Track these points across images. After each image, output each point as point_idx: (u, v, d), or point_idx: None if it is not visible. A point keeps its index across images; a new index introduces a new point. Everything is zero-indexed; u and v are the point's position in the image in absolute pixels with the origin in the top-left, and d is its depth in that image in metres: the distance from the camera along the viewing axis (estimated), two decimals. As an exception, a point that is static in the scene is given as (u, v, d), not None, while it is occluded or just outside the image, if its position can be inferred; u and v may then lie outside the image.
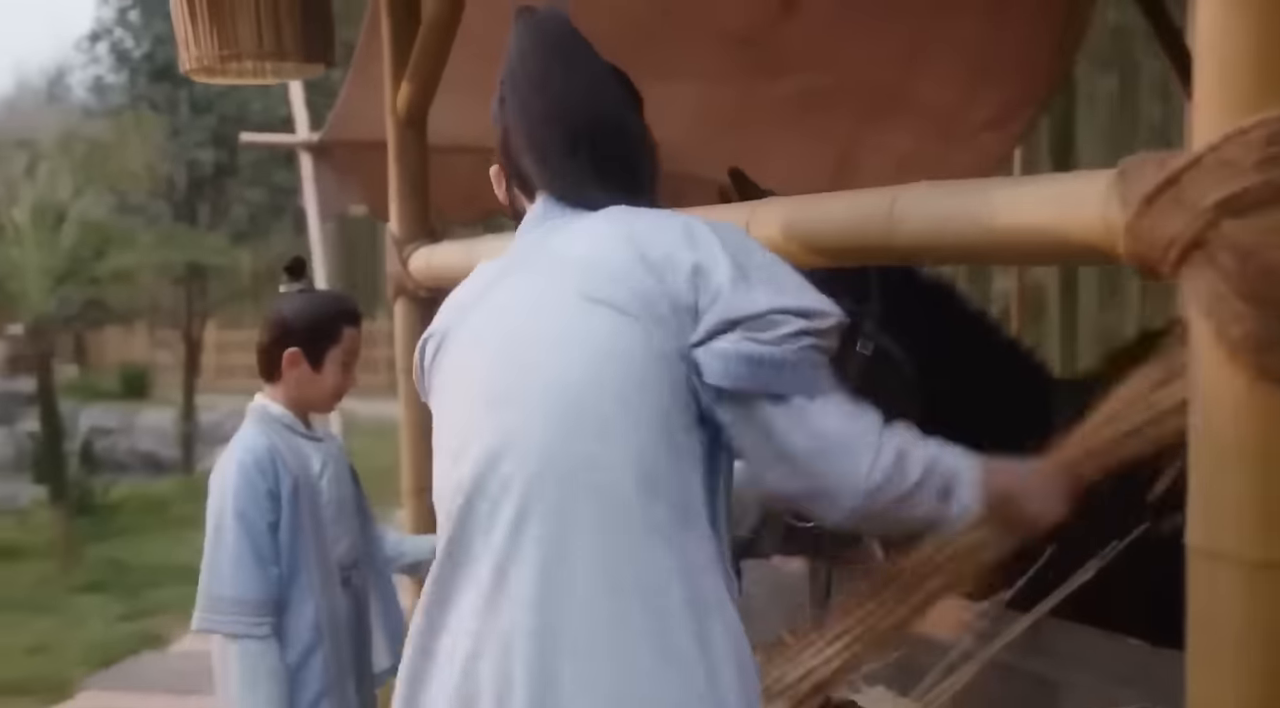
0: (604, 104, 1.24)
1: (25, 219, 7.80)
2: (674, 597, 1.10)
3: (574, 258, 1.17)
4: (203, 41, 2.33)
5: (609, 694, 1.08)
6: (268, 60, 2.39)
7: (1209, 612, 1.02)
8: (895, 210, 1.33)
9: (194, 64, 2.39)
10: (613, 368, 1.11)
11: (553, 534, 1.10)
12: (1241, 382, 0.99)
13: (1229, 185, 0.97)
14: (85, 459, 8.72)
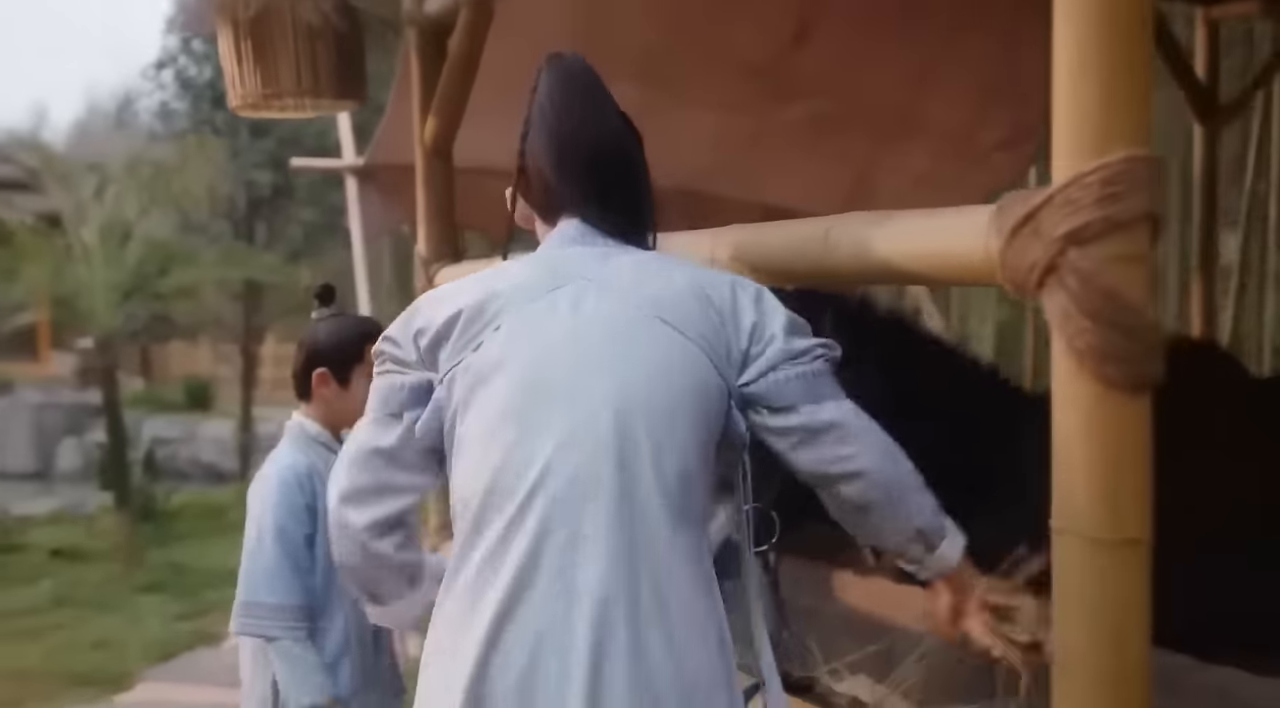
0: (619, 140, 1.40)
1: (94, 238, 8.09)
2: (704, 564, 1.29)
3: (648, 288, 1.30)
4: (248, 81, 2.56)
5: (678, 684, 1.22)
6: (306, 97, 2.62)
7: (1068, 581, 1.18)
8: (829, 238, 1.50)
9: (240, 101, 2.62)
10: (683, 381, 1.26)
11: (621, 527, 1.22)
12: (1088, 387, 1.15)
13: (1073, 220, 1.14)
14: (148, 468, 8.95)
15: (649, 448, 1.23)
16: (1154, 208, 1.14)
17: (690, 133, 4.13)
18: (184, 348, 16.03)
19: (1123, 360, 1.13)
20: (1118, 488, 1.15)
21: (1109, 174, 1.13)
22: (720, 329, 1.29)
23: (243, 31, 2.51)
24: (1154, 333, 1.15)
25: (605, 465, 1.22)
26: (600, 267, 1.33)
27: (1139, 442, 1.15)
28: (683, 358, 1.26)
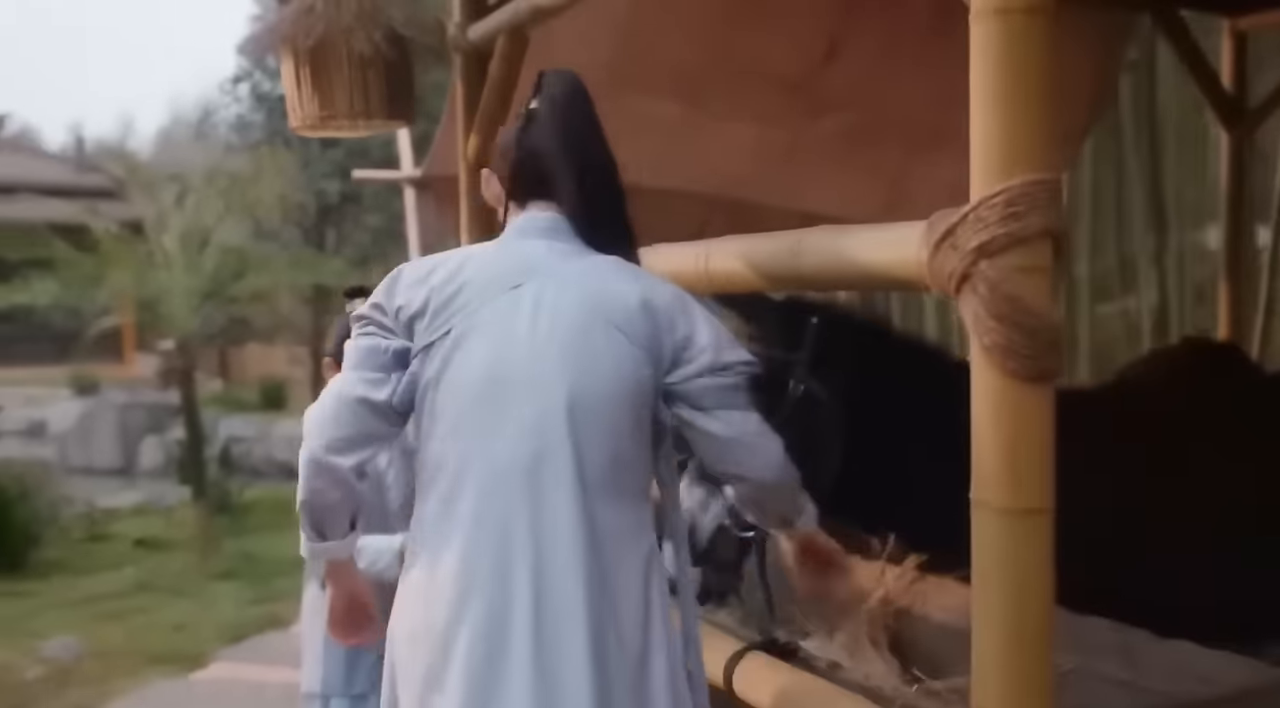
0: (596, 146, 1.62)
1: (174, 245, 8.48)
2: (630, 539, 1.53)
3: (606, 295, 1.53)
4: (307, 105, 2.82)
5: (588, 575, 1.48)
6: (359, 119, 2.87)
7: (981, 545, 1.36)
8: (799, 249, 1.70)
9: (300, 122, 2.88)
10: (620, 378, 1.50)
11: (550, 486, 1.47)
12: (995, 379, 1.34)
13: (982, 235, 1.33)
14: (224, 464, 9.32)
15: (595, 436, 1.48)
16: (1052, 225, 1.32)
17: (729, 145, 4.32)
18: (260, 350, 16.58)
19: (1024, 356, 1.32)
20: (1021, 465, 1.33)
21: (1011, 196, 1.31)
22: (657, 334, 1.51)
23: (302, 60, 2.77)
24: (1052, 333, 1.33)
25: (560, 450, 1.47)
26: (562, 264, 1.55)
27: (1040, 425, 1.33)
28: (629, 360, 1.50)
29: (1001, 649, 1.34)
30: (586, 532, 1.48)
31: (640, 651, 1.51)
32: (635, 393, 1.51)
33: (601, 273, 1.56)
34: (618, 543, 1.51)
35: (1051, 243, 1.33)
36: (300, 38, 2.75)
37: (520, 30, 2.79)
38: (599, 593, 1.48)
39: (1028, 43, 1.32)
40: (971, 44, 1.35)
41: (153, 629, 5.61)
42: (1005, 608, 1.34)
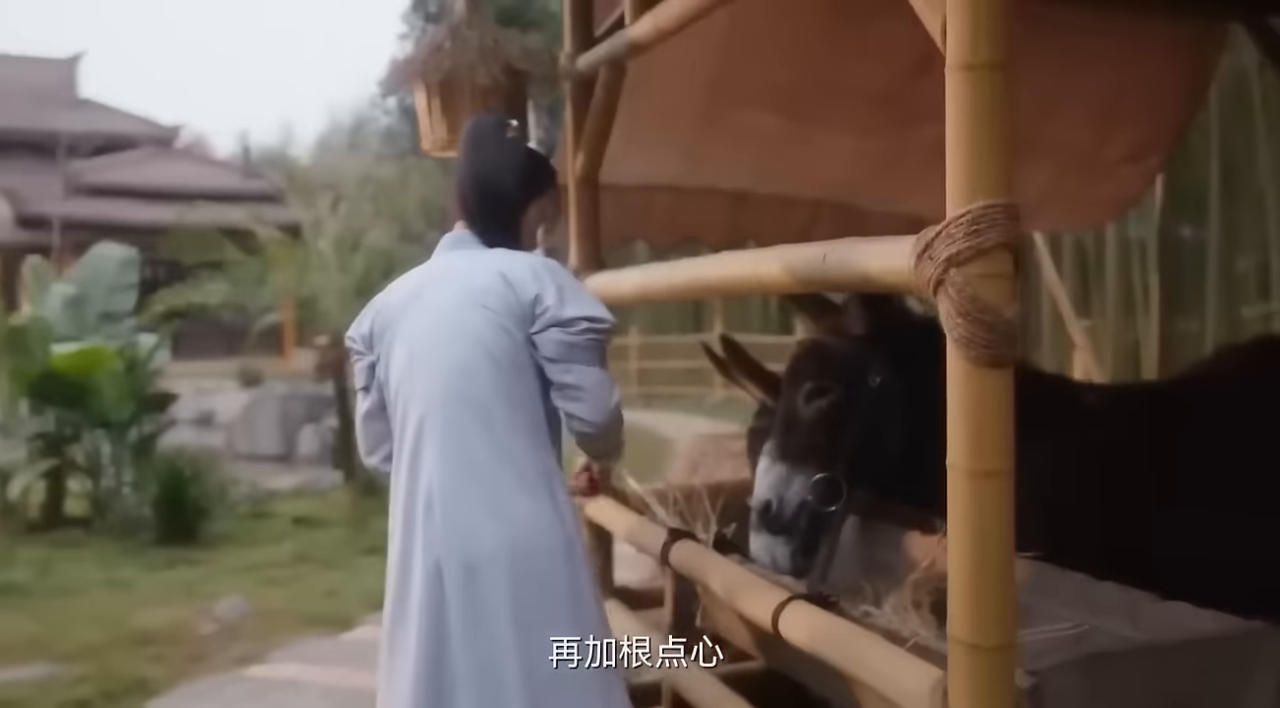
0: (488, 170, 2.15)
1: (329, 248, 9.20)
2: (529, 461, 1.99)
3: (475, 282, 2.03)
4: (436, 129, 3.25)
5: (488, 503, 1.95)
6: (486, 142, 3.27)
7: (954, 503, 1.66)
8: (826, 259, 2.01)
9: (430, 145, 3.31)
10: (489, 343, 1.97)
11: (447, 430, 1.97)
12: (962, 365, 1.63)
13: (952, 248, 1.62)
14: (372, 450, 10.00)
15: (483, 388, 1.97)
16: (1008, 240, 1.60)
17: (828, 154, 4.58)
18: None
19: (984, 347, 1.60)
20: (984, 435, 1.62)
21: (974, 216, 1.60)
22: (513, 299, 1.99)
23: (433, 91, 3.20)
24: (1009, 327, 1.61)
25: (450, 404, 1.98)
26: (458, 264, 2.08)
27: (999, 402, 1.62)
28: (492, 326, 1.98)
29: (968, 586, 1.64)
30: (494, 475, 1.97)
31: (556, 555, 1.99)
32: (509, 349, 1.98)
33: (480, 264, 2.06)
34: (526, 474, 1.98)
35: (1009, 254, 1.62)
36: (431, 72, 3.18)
37: (619, 62, 3.16)
38: (510, 519, 1.96)
39: (990, 92, 1.61)
40: (947, 91, 1.65)
41: (308, 594, 6.16)
42: (971, 553, 1.63)
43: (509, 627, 1.92)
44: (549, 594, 1.96)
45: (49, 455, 8.00)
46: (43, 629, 5.37)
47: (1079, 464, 2.66)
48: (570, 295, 2.02)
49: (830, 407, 2.67)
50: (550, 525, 1.97)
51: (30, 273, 9.06)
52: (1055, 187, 4.67)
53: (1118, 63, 4.00)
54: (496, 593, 1.93)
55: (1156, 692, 1.84)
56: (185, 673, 4.79)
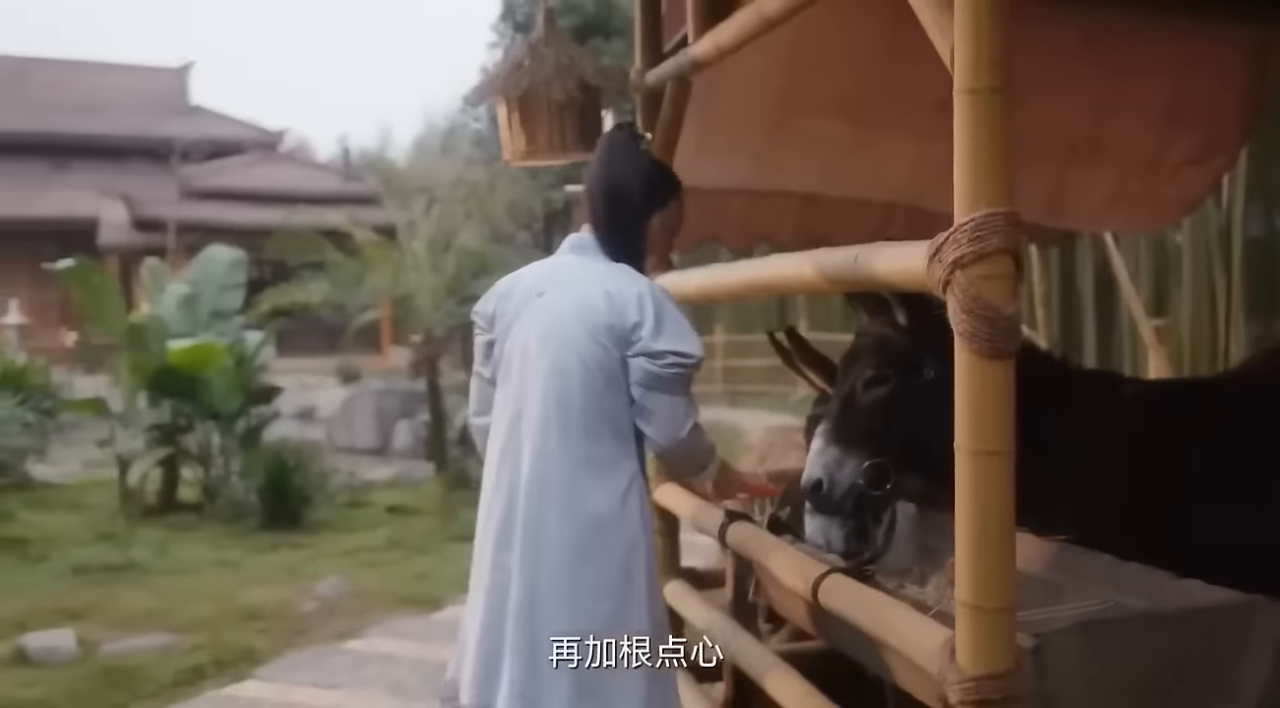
0: (616, 179, 2.35)
1: (422, 249, 9.60)
2: (608, 464, 2.20)
3: (585, 295, 2.24)
4: (516, 141, 3.51)
5: (562, 498, 2.18)
6: (556, 152, 3.54)
7: (959, 478, 1.85)
8: (857, 260, 2.21)
9: (510, 156, 3.58)
10: (585, 353, 2.18)
11: (539, 426, 2.20)
12: (966, 356, 1.82)
13: (957, 252, 1.81)
14: (462, 444, 10.42)
15: (573, 392, 2.18)
16: (1008, 245, 1.79)
17: (893, 159, 4.72)
18: (501, 344, 17.88)
19: (985, 340, 1.79)
20: (985, 419, 1.81)
21: (976, 223, 1.79)
22: (616, 322, 2.18)
23: (512, 106, 3.47)
24: (1009, 323, 1.80)
25: (541, 404, 2.20)
26: (573, 274, 2.28)
27: (999, 390, 1.81)
28: (591, 342, 2.19)
29: (971, 554, 1.82)
30: (575, 470, 2.18)
31: (621, 545, 2.20)
32: (603, 362, 2.19)
33: (590, 279, 2.26)
34: (596, 467, 2.18)
35: (1009, 257, 1.81)
36: (510, 89, 3.44)
37: (683, 77, 3.39)
38: (583, 510, 2.18)
39: (991, 113, 1.80)
40: (954, 111, 1.85)
41: (401, 577, 6.52)
42: (974, 524, 1.82)
43: (585, 603, 2.17)
44: (605, 586, 2.18)
45: (164, 445, 8.54)
46: (160, 603, 5.81)
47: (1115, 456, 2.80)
48: (665, 328, 2.20)
49: (887, 395, 2.83)
50: (618, 526, 2.20)
51: (148, 274, 9.65)
52: (1119, 189, 4.73)
53: (1175, 67, 4.06)
54: (567, 581, 2.17)
55: (1156, 657, 2.00)
56: (289, 645, 5.16)
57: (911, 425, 2.79)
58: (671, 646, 2.28)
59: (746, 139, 4.52)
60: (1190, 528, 2.63)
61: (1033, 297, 8.32)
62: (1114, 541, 2.50)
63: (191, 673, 4.72)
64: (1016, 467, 2.61)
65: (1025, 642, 1.91)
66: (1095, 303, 7.82)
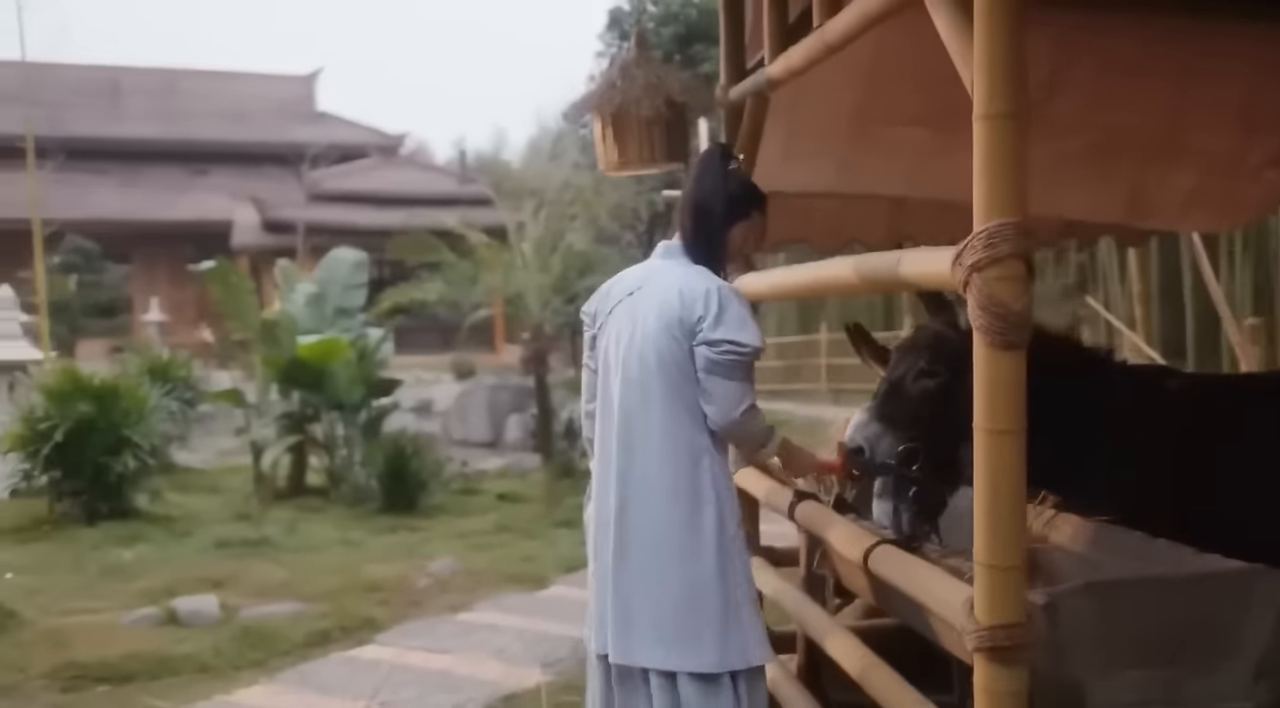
0: (702, 194, 2.68)
1: (531, 250, 10.06)
2: (683, 437, 2.52)
3: (664, 295, 2.56)
4: (609, 154, 3.87)
5: (644, 464, 2.53)
6: (646, 163, 3.88)
7: (976, 453, 2.12)
8: (899, 263, 2.49)
9: (604, 166, 3.94)
10: (661, 345, 2.52)
11: (629, 406, 2.54)
12: (983, 348, 2.08)
13: (975, 257, 2.08)
14: (568, 436, 10.86)
15: (656, 379, 2.53)
16: (1019, 250, 2.05)
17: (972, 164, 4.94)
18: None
19: (998, 333, 2.05)
20: (999, 401, 2.07)
21: (990, 232, 2.06)
22: (686, 316, 2.51)
23: (606, 122, 3.82)
24: (1019, 318, 2.06)
25: (634, 389, 2.56)
26: (659, 276, 2.62)
27: (1010, 376, 2.06)
28: (666, 335, 2.52)
29: (986, 519, 2.09)
30: (654, 457, 2.53)
31: (693, 502, 2.52)
32: (674, 352, 2.52)
33: (669, 281, 2.60)
34: (684, 459, 2.52)
35: (1020, 261, 2.07)
36: (604, 106, 3.80)
37: (762, 93, 3.68)
38: (664, 492, 2.52)
39: (1004, 136, 2.06)
40: (974, 133, 2.12)
41: (508, 558, 6.94)
42: (988, 493, 2.08)
43: (660, 565, 2.53)
44: (694, 553, 2.53)
45: (294, 433, 9.18)
46: (291, 576, 6.35)
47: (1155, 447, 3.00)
48: (725, 320, 2.53)
49: (935, 388, 3.08)
50: (692, 505, 2.54)
51: (280, 274, 10.34)
52: (1199, 190, 4.83)
53: (1247, 73, 4.18)
54: (649, 530, 2.54)
55: (1162, 618, 2.23)
56: (405, 615, 5.62)
57: (952, 419, 3.04)
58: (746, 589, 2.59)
59: (829, 146, 4.77)
60: (1219, 513, 2.82)
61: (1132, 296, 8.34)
62: (1154, 522, 2.72)
63: (319, 636, 5.20)
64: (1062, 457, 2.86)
65: (1039, 599, 2.17)
66: (1194, 301, 7.81)
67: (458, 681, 4.47)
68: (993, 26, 2.07)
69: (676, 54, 11.68)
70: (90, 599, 5.78)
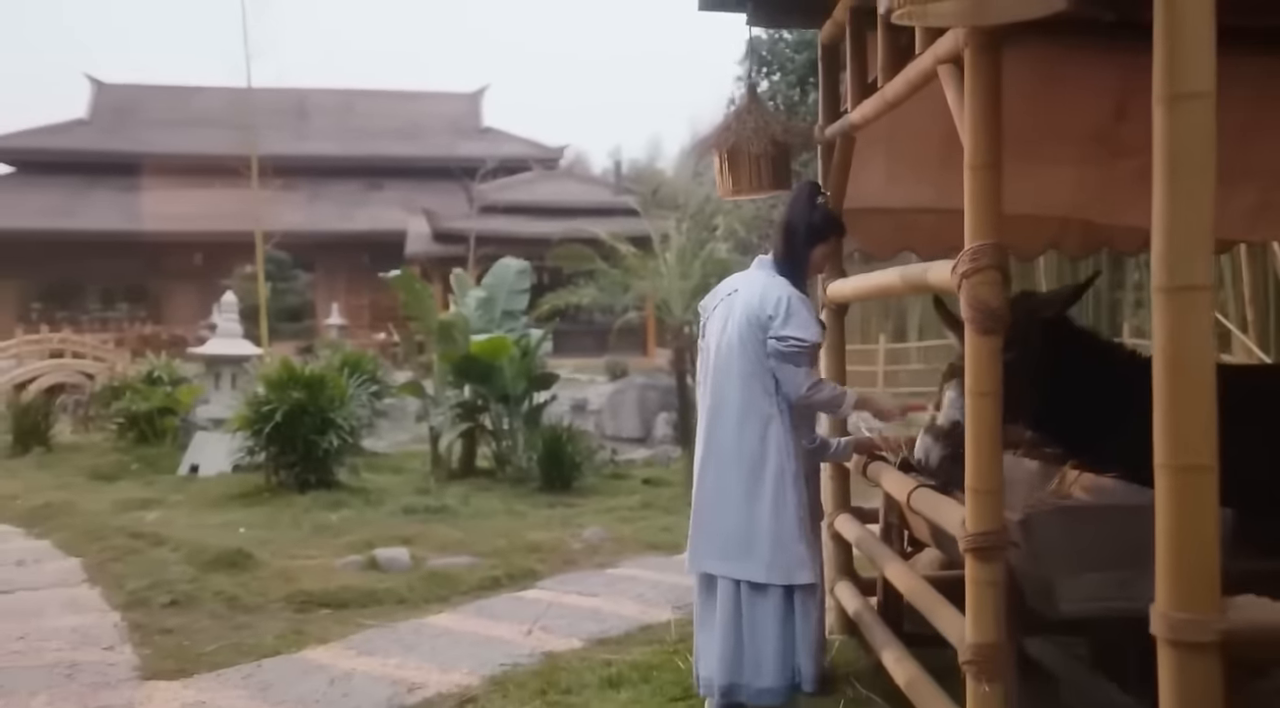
0: (791, 221, 3.54)
1: (673, 258, 11.04)
2: (755, 405, 3.39)
3: (750, 298, 3.44)
4: (725, 182, 4.74)
5: (725, 423, 3.41)
6: (757, 191, 4.75)
7: (968, 411, 2.93)
8: (926, 270, 3.31)
9: (722, 193, 4.81)
10: (743, 334, 3.42)
11: (718, 379, 3.43)
12: (970, 333, 2.89)
13: (964, 268, 2.90)
14: (709, 430, 11.72)
15: (737, 361, 3.38)
16: (997, 263, 2.86)
17: (1056, 182, 5.61)
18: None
19: (979, 323, 2.86)
20: (979, 372, 2.88)
21: (974, 250, 2.88)
22: (762, 314, 3.34)
23: (722, 157, 4.69)
24: (996, 313, 2.87)
25: (724, 366, 3.42)
26: (750, 282, 3.47)
27: (989, 355, 2.88)
28: (748, 326, 3.36)
29: (973, 455, 2.91)
30: (733, 416, 3.38)
31: (758, 454, 3.35)
32: (751, 340, 3.37)
33: (755, 286, 3.47)
34: (754, 420, 3.38)
35: (997, 271, 2.88)
36: (721, 144, 4.68)
37: (847, 133, 4.52)
38: (737, 442, 3.39)
39: (985, 181, 2.89)
40: (965, 180, 2.94)
41: (649, 529, 7.90)
42: (975, 435, 2.91)
43: (731, 499, 3.44)
44: (755, 490, 3.42)
45: (465, 420, 10.40)
46: (466, 536, 7.47)
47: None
48: (791, 319, 3.40)
49: (1006, 364, 3.85)
50: (758, 454, 3.42)
51: (455, 281, 11.63)
52: (1263, 204, 5.41)
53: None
54: (723, 471, 3.44)
55: (1117, 536, 2.99)
56: (561, 569, 6.63)
57: (1011, 388, 3.80)
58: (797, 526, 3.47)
59: (923, 171, 5.53)
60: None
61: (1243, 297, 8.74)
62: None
63: (490, 581, 6.26)
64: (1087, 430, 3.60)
65: (1017, 517, 2.97)
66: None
67: (603, 615, 5.43)
68: (976, 101, 2.89)
69: (811, 77, 12.44)
70: (307, 549, 7.02)
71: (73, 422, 14.01)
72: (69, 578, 6.30)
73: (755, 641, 3.39)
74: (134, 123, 35.61)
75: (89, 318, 30.66)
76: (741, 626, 3.40)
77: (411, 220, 28.61)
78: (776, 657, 3.38)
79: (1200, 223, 2.03)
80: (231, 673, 4.52)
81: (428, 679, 4.37)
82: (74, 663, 4.63)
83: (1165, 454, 2.03)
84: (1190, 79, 2.00)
